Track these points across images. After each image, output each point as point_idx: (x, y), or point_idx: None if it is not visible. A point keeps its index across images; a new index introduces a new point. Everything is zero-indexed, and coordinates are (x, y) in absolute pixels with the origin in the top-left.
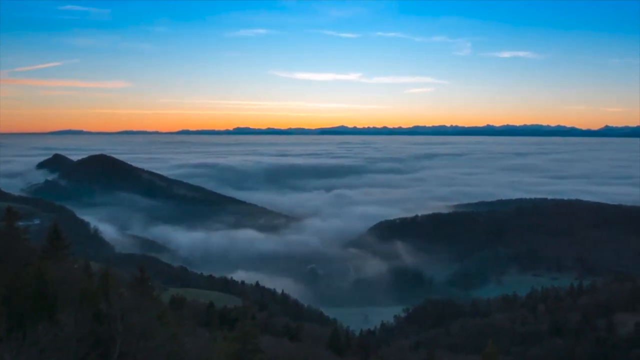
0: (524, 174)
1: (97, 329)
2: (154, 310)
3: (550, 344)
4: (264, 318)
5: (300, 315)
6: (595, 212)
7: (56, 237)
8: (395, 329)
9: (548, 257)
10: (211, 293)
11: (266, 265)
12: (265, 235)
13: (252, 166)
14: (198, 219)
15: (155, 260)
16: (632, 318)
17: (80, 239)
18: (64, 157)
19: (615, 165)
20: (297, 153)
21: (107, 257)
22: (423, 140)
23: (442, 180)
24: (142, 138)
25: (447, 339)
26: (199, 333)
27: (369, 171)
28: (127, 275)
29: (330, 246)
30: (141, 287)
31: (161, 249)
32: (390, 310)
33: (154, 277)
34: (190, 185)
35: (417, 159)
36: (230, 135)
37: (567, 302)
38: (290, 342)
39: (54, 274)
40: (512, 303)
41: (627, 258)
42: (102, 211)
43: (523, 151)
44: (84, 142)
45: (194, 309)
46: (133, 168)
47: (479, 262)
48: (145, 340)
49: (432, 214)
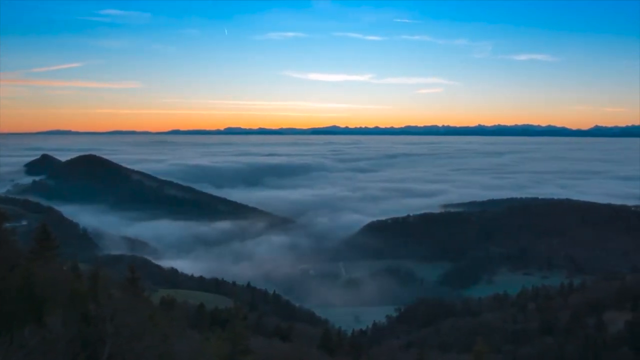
0: (466, 174)
1: (86, 331)
2: (144, 311)
3: (540, 343)
4: (255, 319)
5: (291, 315)
6: (585, 211)
7: (44, 238)
8: (386, 328)
9: (539, 256)
10: (202, 294)
11: (256, 266)
12: (256, 234)
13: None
14: (189, 220)
15: (145, 261)
16: (621, 316)
17: (68, 240)
18: (52, 158)
19: (560, 165)
20: (265, 153)
21: (96, 258)
22: (409, 140)
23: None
24: (132, 138)
25: (438, 338)
26: (189, 334)
27: (315, 170)
28: (117, 276)
29: (321, 246)
30: (131, 288)
31: (151, 249)
32: (382, 310)
33: (144, 278)
34: (181, 186)
35: (386, 158)
36: (221, 135)
37: (557, 301)
38: (282, 342)
39: (42, 276)
40: (502, 302)
41: (616, 257)
42: (91, 212)
43: (490, 150)
44: (70, 142)
45: (185, 310)
46: (122, 168)
47: (470, 262)
48: (135, 342)
49: (423, 214)
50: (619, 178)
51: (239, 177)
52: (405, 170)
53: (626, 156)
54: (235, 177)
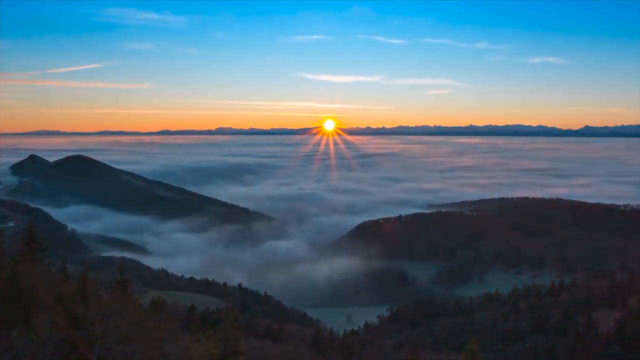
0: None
1: (74, 334)
2: (134, 313)
3: (531, 341)
4: (246, 320)
5: (283, 316)
6: (575, 211)
7: (32, 239)
8: (378, 328)
9: (530, 255)
10: (192, 295)
11: (248, 266)
12: (245, 234)
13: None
14: (179, 220)
15: (135, 262)
16: (611, 314)
17: (57, 242)
18: (40, 158)
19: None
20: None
21: (85, 259)
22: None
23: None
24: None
25: (430, 338)
26: (179, 336)
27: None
28: (106, 278)
29: (313, 246)
30: (121, 289)
31: (141, 250)
32: (374, 310)
33: (133, 280)
34: (170, 186)
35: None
36: (212, 135)
37: (548, 300)
38: (273, 343)
39: (29, 278)
40: (494, 301)
41: (606, 256)
42: (80, 213)
43: (462, 150)
44: (59, 142)
45: (175, 312)
46: (111, 169)
47: (462, 261)
48: (124, 345)
49: (415, 214)
50: (608, 177)
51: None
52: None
53: (616, 156)
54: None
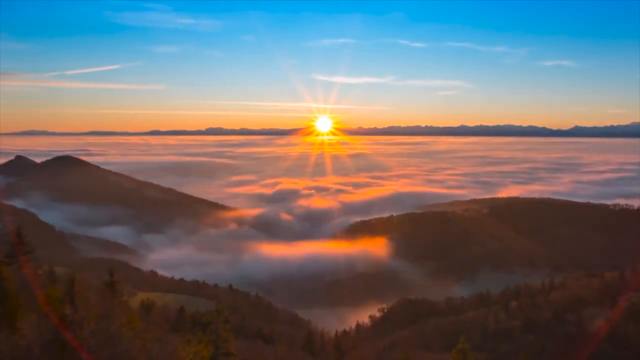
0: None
1: (62, 336)
2: (123, 315)
3: (522, 340)
4: (237, 321)
5: (274, 317)
6: (565, 210)
7: (19, 241)
8: (370, 329)
9: (521, 255)
10: (182, 297)
11: (238, 268)
12: (235, 235)
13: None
14: (168, 221)
15: (124, 263)
16: (601, 313)
17: (44, 243)
18: (26, 159)
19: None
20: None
21: (73, 261)
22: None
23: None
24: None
25: (421, 337)
26: (169, 338)
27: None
28: (95, 280)
29: (303, 246)
30: (110, 291)
31: (130, 252)
32: (365, 310)
33: (122, 281)
34: (160, 187)
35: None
36: (202, 135)
37: (539, 299)
38: (265, 345)
39: (15, 280)
40: (485, 301)
41: (596, 255)
42: (67, 214)
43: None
44: (49, 141)
45: (165, 314)
46: (100, 169)
47: (453, 261)
48: (113, 347)
49: (407, 214)
50: (598, 176)
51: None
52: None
53: (605, 155)
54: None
